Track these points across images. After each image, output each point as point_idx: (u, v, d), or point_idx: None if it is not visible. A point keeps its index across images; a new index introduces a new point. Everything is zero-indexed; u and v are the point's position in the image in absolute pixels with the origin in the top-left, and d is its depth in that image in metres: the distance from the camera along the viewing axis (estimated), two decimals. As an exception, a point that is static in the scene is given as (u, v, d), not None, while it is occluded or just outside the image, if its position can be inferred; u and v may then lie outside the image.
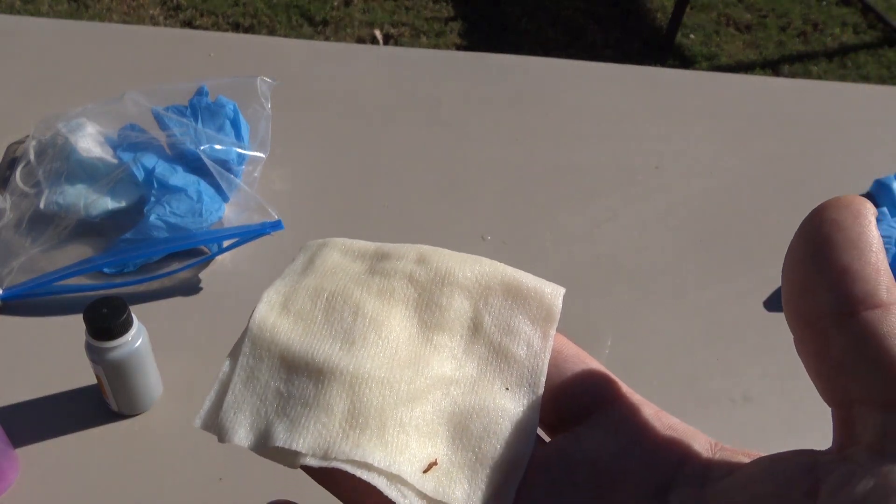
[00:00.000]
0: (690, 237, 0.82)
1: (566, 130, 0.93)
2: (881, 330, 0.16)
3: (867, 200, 0.18)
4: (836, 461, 0.17)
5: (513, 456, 0.21)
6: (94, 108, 0.80)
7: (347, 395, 0.21)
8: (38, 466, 0.59)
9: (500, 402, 0.22)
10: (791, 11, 2.30)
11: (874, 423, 0.16)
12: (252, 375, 0.22)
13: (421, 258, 0.24)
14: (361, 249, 0.25)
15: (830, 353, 0.17)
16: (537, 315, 0.24)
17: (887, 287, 0.17)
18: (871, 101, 1.02)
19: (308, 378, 0.21)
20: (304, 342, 0.22)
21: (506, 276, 0.24)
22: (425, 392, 0.22)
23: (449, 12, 2.18)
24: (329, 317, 0.23)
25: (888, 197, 0.85)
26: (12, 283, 0.70)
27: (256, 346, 0.22)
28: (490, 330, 0.23)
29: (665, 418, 0.22)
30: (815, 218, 0.18)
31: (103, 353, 0.58)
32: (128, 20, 2.04)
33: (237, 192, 0.77)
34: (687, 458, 0.21)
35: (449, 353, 0.23)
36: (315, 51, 1.03)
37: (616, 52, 2.10)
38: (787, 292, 0.18)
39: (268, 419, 0.21)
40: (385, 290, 0.23)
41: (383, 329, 0.22)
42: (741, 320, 0.74)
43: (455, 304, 0.23)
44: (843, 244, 0.17)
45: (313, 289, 0.23)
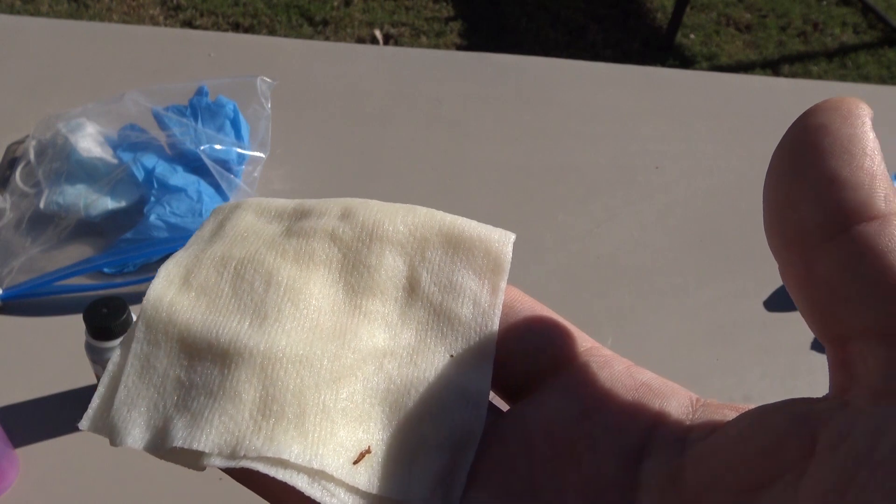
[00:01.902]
0: (690, 237, 0.82)
1: (566, 130, 0.93)
2: (879, 245, 0.14)
3: (862, 101, 0.15)
4: (834, 408, 0.14)
5: (461, 433, 0.18)
6: (94, 108, 0.80)
7: (259, 379, 0.18)
8: (38, 466, 0.59)
9: (445, 373, 0.19)
10: (791, 11, 2.30)
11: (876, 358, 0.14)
12: (148, 364, 0.18)
13: (346, 212, 0.21)
14: (279, 208, 0.21)
15: (821, 278, 0.14)
16: (484, 267, 0.20)
17: (885, 196, 0.14)
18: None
19: (212, 363, 0.18)
20: (208, 321, 0.19)
21: (444, 225, 0.20)
22: (353, 368, 0.19)
23: (449, 12, 2.18)
24: (237, 289, 0.19)
25: (888, 197, 0.85)
26: (12, 283, 0.70)
27: (151, 329, 0.19)
28: (429, 289, 0.20)
29: (639, 374, 0.19)
30: (800, 124, 0.15)
31: (103, 353, 0.58)
32: (128, 20, 2.04)
33: (237, 192, 0.77)
34: (662, 418, 0.18)
35: (382, 321, 0.20)
36: (315, 51, 1.03)
37: (616, 52, 2.10)
38: (769, 212, 0.15)
39: (166, 414, 0.18)
40: (303, 252, 0.20)
41: (301, 298, 0.19)
42: (741, 320, 0.74)
43: (386, 263, 0.20)
44: (832, 149, 0.14)
45: (220, 257, 0.20)
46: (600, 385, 0.19)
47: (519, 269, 0.81)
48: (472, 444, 0.18)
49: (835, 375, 0.15)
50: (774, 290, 0.77)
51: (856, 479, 0.13)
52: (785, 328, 0.73)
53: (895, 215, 0.14)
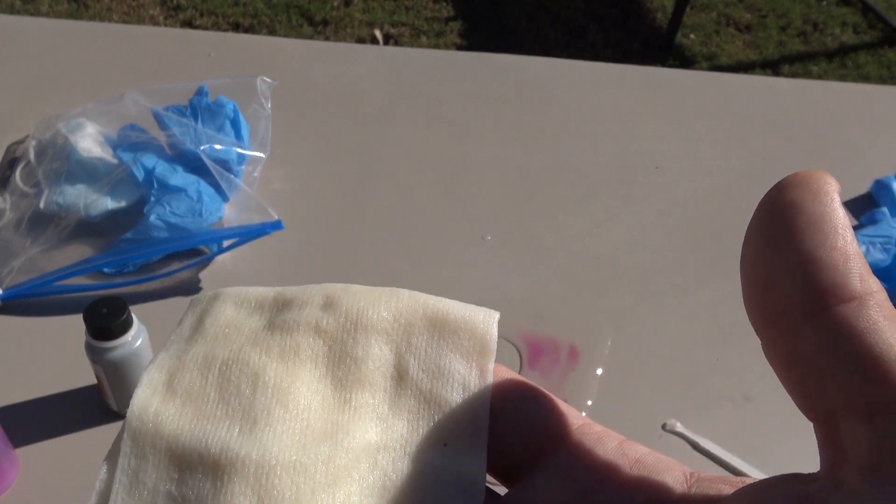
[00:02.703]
0: (690, 237, 0.82)
1: (566, 130, 0.93)
2: (858, 326, 0.14)
3: (827, 174, 0.15)
4: (827, 489, 0.15)
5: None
6: (94, 108, 0.80)
7: (253, 489, 0.17)
8: (38, 466, 0.59)
9: (439, 463, 0.19)
10: (791, 11, 2.30)
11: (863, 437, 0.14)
12: (136, 480, 0.18)
13: (328, 301, 0.20)
14: (259, 299, 0.21)
15: (803, 357, 0.15)
16: (470, 349, 0.20)
17: (860, 275, 0.14)
18: (871, 101, 1.02)
19: (204, 475, 0.18)
20: (196, 429, 0.18)
21: (428, 309, 0.20)
22: (348, 469, 0.18)
23: (449, 12, 2.18)
24: (224, 392, 0.19)
25: (888, 197, 0.85)
26: (12, 283, 0.70)
27: (138, 442, 0.18)
28: (417, 376, 0.20)
29: (631, 450, 0.19)
30: (771, 201, 0.15)
31: (103, 353, 0.58)
32: (128, 20, 2.04)
33: (237, 192, 0.77)
34: (657, 496, 0.18)
35: (372, 414, 0.19)
36: (315, 51, 1.03)
37: (616, 52, 2.10)
38: (748, 289, 0.16)
39: None
40: (288, 348, 0.20)
41: (290, 399, 0.19)
42: (741, 320, 0.74)
43: (373, 353, 0.20)
44: (805, 229, 0.15)
45: (203, 358, 0.19)
46: (595, 465, 0.19)
47: (519, 269, 0.81)
48: None
49: (824, 452, 0.15)
50: (774, 290, 0.77)
51: None
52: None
53: (871, 294, 0.14)
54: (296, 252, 0.76)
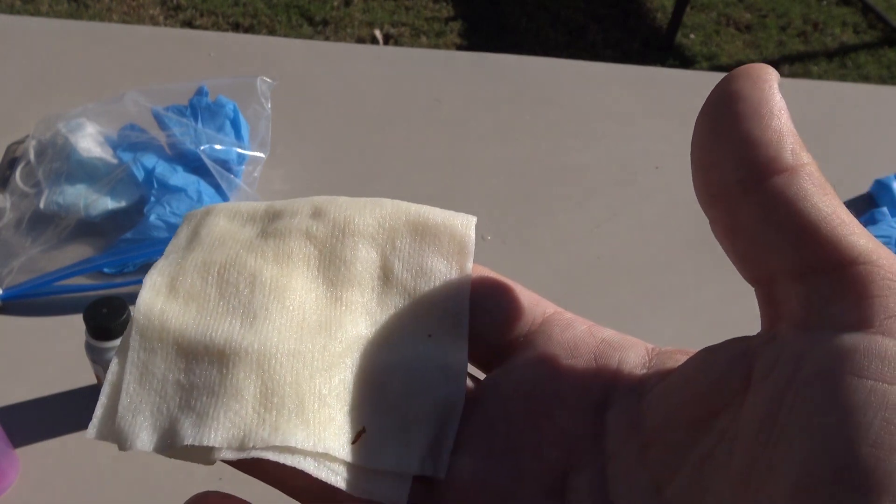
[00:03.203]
0: (690, 237, 0.82)
1: (566, 130, 0.93)
2: (789, 194, 0.15)
3: (769, 67, 0.17)
4: (765, 342, 0.16)
5: (444, 405, 0.20)
6: (94, 108, 0.80)
7: (257, 374, 0.19)
8: (38, 466, 0.59)
9: (424, 351, 0.20)
10: (791, 11, 2.30)
11: (796, 294, 0.15)
12: (146, 371, 0.19)
13: (316, 211, 0.22)
14: (250, 211, 0.22)
15: (742, 228, 0.16)
16: (450, 250, 0.22)
17: (792, 150, 0.16)
18: (871, 101, 1.02)
19: (210, 364, 0.19)
20: (200, 324, 0.20)
21: (410, 215, 0.22)
22: (342, 356, 0.20)
23: (449, 12, 2.18)
24: (223, 292, 0.20)
25: (888, 197, 0.85)
26: (12, 283, 0.70)
27: (146, 337, 0.19)
28: (402, 276, 0.21)
29: (599, 332, 0.21)
30: (716, 90, 0.17)
31: (103, 353, 0.58)
32: (128, 20, 2.04)
33: (237, 192, 0.77)
34: (620, 371, 0.19)
35: (362, 310, 0.21)
36: (315, 51, 1.03)
37: (616, 52, 2.10)
38: (695, 172, 0.17)
39: (171, 416, 0.19)
40: (282, 252, 0.21)
41: (286, 296, 0.20)
42: (741, 320, 0.74)
43: (361, 255, 0.21)
44: (743, 112, 0.16)
45: (201, 263, 0.21)
46: (565, 346, 0.20)
47: (519, 269, 0.81)
48: (455, 414, 0.20)
49: (764, 313, 0.17)
50: (774, 290, 0.77)
51: (784, 401, 0.14)
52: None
53: (803, 166, 0.16)
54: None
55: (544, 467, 0.19)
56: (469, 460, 0.20)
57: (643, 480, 0.17)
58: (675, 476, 0.17)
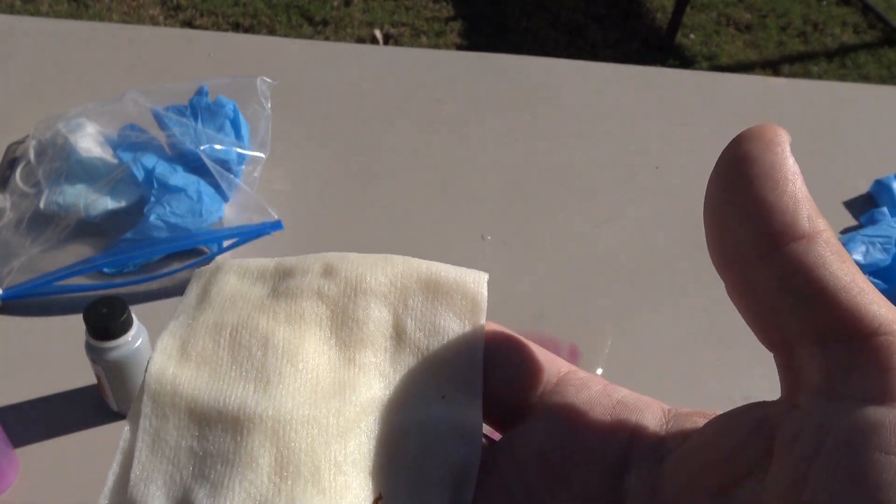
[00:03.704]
0: (690, 237, 0.82)
1: (566, 130, 0.93)
2: (807, 261, 0.15)
3: (779, 128, 0.17)
4: (785, 411, 0.16)
5: (460, 468, 0.20)
6: (94, 108, 0.80)
7: (272, 442, 0.18)
8: (38, 466, 0.59)
9: (438, 413, 0.20)
10: (791, 11, 2.30)
11: (816, 362, 0.15)
12: (158, 438, 0.19)
13: (327, 269, 0.22)
14: (260, 269, 0.22)
15: (760, 293, 0.16)
16: (463, 308, 0.21)
17: (808, 216, 0.16)
18: (871, 101, 1.02)
19: (224, 430, 0.19)
20: (213, 389, 0.19)
21: (422, 273, 0.22)
22: (357, 421, 0.20)
23: (449, 12, 2.18)
24: (236, 355, 0.20)
25: (888, 197, 0.85)
26: (12, 283, 0.70)
27: (158, 403, 0.19)
28: (415, 335, 0.21)
29: (614, 392, 0.20)
30: (728, 154, 0.17)
31: (103, 353, 0.58)
32: (128, 20, 2.04)
33: (237, 192, 0.77)
34: (638, 432, 0.19)
35: (375, 371, 0.21)
36: (315, 51, 1.03)
37: (616, 52, 2.10)
38: (709, 234, 0.17)
39: (185, 485, 0.18)
40: (294, 313, 0.21)
41: (299, 359, 0.20)
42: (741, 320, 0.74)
43: (373, 315, 0.21)
44: (757, 177, 0.16)
45: (213, 325, 0.20)
46: (580, 407, 0.20)
47: (519, 269, 0.81)
48: (471, 477, 0.20)
49: (783, 379, 0.17)
50: (774, 290, 0.77)
51: (809, 474, 0.14)
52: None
53: (819, 233, 0.16)
54: (296, 252, 0.76)
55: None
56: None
57: None
58: None
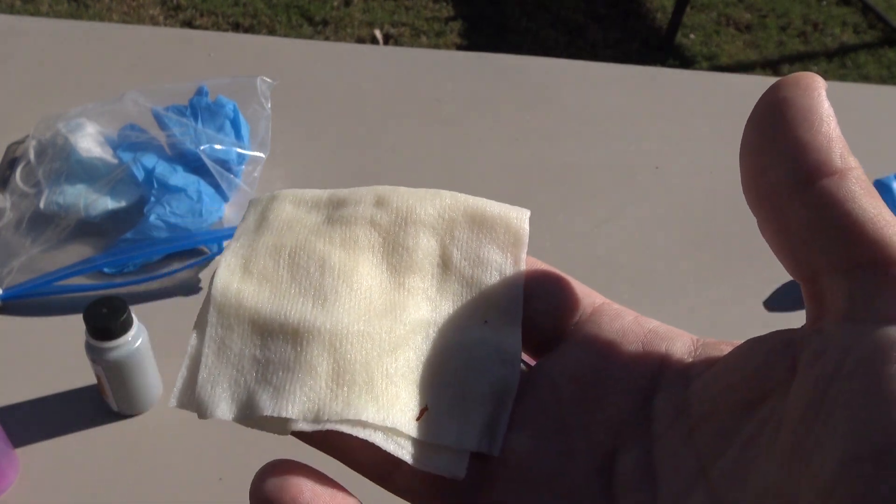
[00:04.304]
0: (690, 237, 0.82)
1: (566, 130, 0.93)
2: (838, 195, 0.16)
3: (817, 76, 0.18)
4: (810, 334, 0.17)
5: (500, 387, 0.21)
6: (94, 108, 0.80)
7: (329, 353, 0.20)
8: (38, 466, 0.59)
9: (481, 336, 0.22)
10: (791, 11, 2.30)
11: (841, 289, 0.16)
12: (223, 345, 0.21)
13: (379, 200, 0.23)
14: (315, 198, 0.24)
15: (791, 227, 0.17)
16: (506, 241, 0.23)
17: (840, 154, 0.17)
18: (871, 101, 1.02)
19: (284, 341, 0.20)
20: (274, 304, 0.21)
21: (468, 207, 0.23)
22: (406, 338, 0.21)
23: (449, 12, 2.18)
24: (295, 274, 0.22)
25: (888, 197, 0.85)
26: (12, 283, 0.70)
27: (223, 314, 0.21)
28: (460, 264, 0.23)
29: (645, 322, 0.22)
30: (766, 98, 0.18)
31: (103, 353, 0.58)
32: (128, 20, 2.04)
33: (237, 192, 0.77)
34: (667, 359, 0.20)
35: (423, 295, 0.22)
36: (315, 51, 1.03)
37: (616, 52, 2.10)
38: (745, 174, 0.18)
39: (249, 388, 0.20)
40: (348, 238, 0.22)
41: (354, 280, 0.21)
42: (741, 320, 0.74)
43: (422, 244, 0.23)
44: (794, 119, 0.17)
45: (272, 246, 0.22)
46: (613, 334, 0.21)
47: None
48: (510, 395, 0.21)
49: (809, 308, 0.18)
50: (774, 290, 0.77)
51: (829, 391, 0.15)
52: (785, 328, 0.73)
53: (850, 170, 0.17)
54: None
55: (593, 447, 0.20)
56: (522, 439, 0.21)
57: (689, 461, 0.18)
58: (721, 457, 0.18)
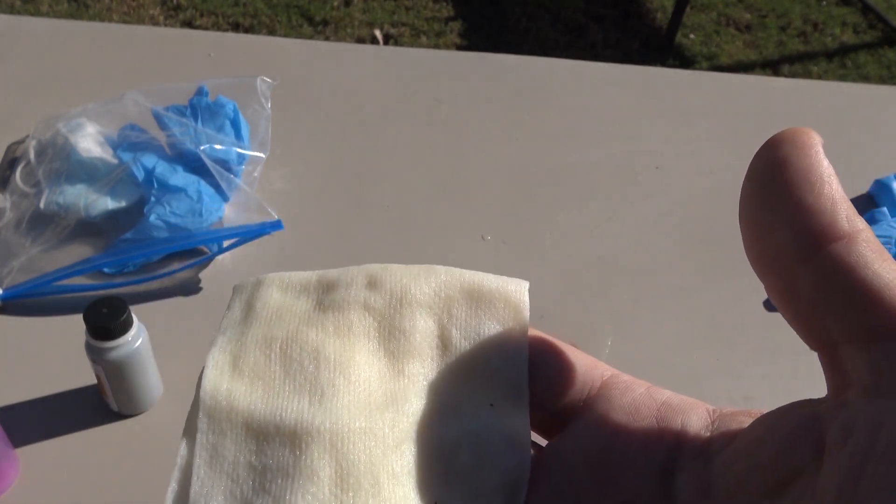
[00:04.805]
0: (691, 237, 0.81)
1: (566, 130, 0.93)
2: (849, 261, 0.15)
3: (811, 130, 0.17)
4: (834, 409, 0.16)
5: (512, 476, 0.20)
6: (94, 108, 0.80)
7: (331, 455, 0.19)
8: (38, 466, 0.59)
9: (487, 421, 0.20)
10: (791, 11, 2.30)
11: (863, 361, 0.15)
12: (216, 453, 0.19)
13: (371, 281, 0.22)
14: (302, 282, 0.22)
15: (801, 294, 0.16)
16: (506, 316, 0.22)
17: (847, 216, 0.16)
18: (871, 101, 1.02)
19: (282, 444, 0.19)
20: (269, 404, 0.19)
21: (464, 282, 0.22)
22: (410, 431, 0.20)
23: (449, 12, 2.18)
24: (288, 369, 0.20)
25: (888, 197, 0.85)
26: (12, 283, 0.70)
27: (214, 418, 0.19)
28: (460, 344, 0.21)
29: (658, 394, 0.21)
30: (763, 157, 0.17)
31: (103, 353, 0.58)
32: (128, 20, 2.04)
33: (237, 192, 0.77)
34: (684, 435, 0.19)
35: (424, 381, 0.21)
36: (315, 51, 1.03)
37: (616, 52, 2.10)
38: (747, 238, 0.17)
39: (246, 500, 0.18)
40: (342, 325, 0.21)
41: (351, 371, 0.20)
42: (741, 320, 0.74)
43: (419, 326, 0.21)
44: (794, 180, 0.16)
45: (262, 339, 0.21)
46: (626, 410, 0.20)
47: (519, 269, 0.81)
48: (522, 484, 0.20)
49: (830, 378, 0.17)
50: (774, 290, 0.77)
51: (864, 472, 0.14)
52: (785, 328, 0.73)
53: (859, 233, 0.16)
54: (296, 252, 0.76)
55: None
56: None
57: None
58: None
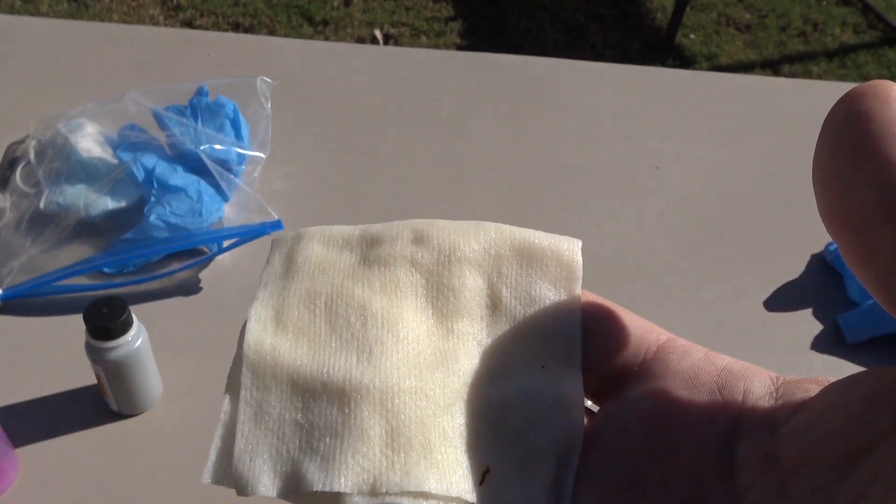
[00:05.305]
0: (690, 237, 0.82)
1: (566, 130, 0.93)
2: None
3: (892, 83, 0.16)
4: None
5: (564, 440, 0.19)
6: (94, 108, 0.80)
7: (381, 414, 0.18)
8: (38, 466, 0.59)
9: (539, 383, 0.20)
10: (791, 11, 2.30)
11: None
12: (261, 410, 0.19)
13: (418, 237, 0.21)
14: (345, 236, 0.21)
15: (881, 254, 0.15)
16: (558, 276, 0.21)
17: None
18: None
19: (329, 402, 0.18)
20: (315, 360, 0.19)
21: (515, 240, 0.21)
22: (461, 392, 0.19)
23: (449, 12, 2.18)
24: (334, 325, 0.19)
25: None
26: (12, 283, 0.70)
27: (258, 374, 0.19)
28: (511, 304, 0.20)
29: (717, 360, 0.20)
30: (841, 110, 0.16)
31: (103, 353, 0.58)
32: (128, 20, 2.04)
33: (237, 192, 0.77)
34: (747, 402, 0.18)
35: (474, 341, 0.20)
36: (315, 51, 1.03)
37: (616, 52, 2.10)
38: (822, 195, 0.16)
39: (293, 459, 0.18)
40: (388, 281, 0.20)
41: (399, 328, 0.19)
42: (741, 320, 0.74)
43: (468, 283, 0.20)
44: (879, 134, 0.15)
45: (306, 294, 0.20)
46: (684, 376, 0.19)
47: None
48: (575, 448, 0.19)
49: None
50: (774, 290, 0.77)
51: None
52: (785, 328, 0.73)
53: None
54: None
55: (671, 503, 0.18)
56: (593, 496, 0.19)
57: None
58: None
